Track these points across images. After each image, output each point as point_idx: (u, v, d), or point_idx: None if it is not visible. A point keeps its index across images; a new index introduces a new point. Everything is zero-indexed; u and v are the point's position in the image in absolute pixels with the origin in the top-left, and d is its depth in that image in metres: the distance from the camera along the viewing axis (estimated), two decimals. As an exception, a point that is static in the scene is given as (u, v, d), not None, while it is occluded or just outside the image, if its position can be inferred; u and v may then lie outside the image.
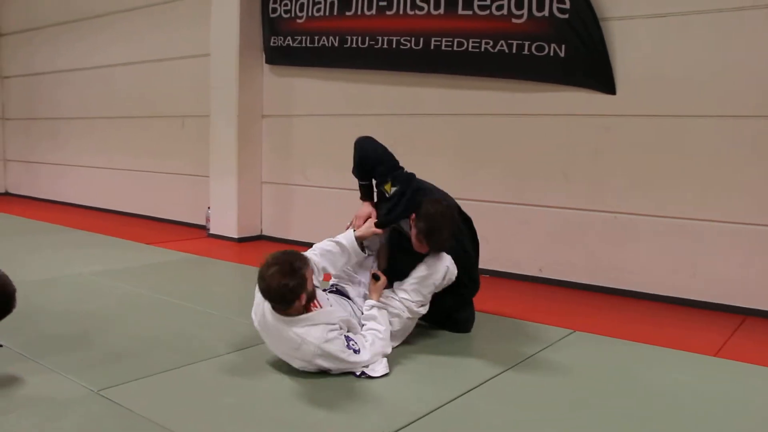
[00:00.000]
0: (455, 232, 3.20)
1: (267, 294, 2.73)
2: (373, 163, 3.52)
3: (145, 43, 7.27)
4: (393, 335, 3.10)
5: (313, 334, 2.73)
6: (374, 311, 3.07)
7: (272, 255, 2.78)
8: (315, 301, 2.90)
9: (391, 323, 3.09)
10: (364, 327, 3.03)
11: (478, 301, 4.03)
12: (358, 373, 2.81)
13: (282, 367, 2.89)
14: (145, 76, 7.33)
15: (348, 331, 2.91)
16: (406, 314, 3.14)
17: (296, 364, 2.83)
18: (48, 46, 8.68)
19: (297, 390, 2.68)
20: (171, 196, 7.14)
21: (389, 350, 3.00)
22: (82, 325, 3.44)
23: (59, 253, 5.51)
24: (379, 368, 2.84)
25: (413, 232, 3.13)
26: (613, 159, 4.42)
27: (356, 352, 2.81)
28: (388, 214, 3.35)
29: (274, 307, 2.77)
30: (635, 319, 3.94)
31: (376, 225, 3.28)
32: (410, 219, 3.16)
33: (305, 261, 2.79)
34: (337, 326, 2.84)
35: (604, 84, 4.36)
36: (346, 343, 2.81)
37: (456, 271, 3.22)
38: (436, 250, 3.18)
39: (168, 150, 7.17)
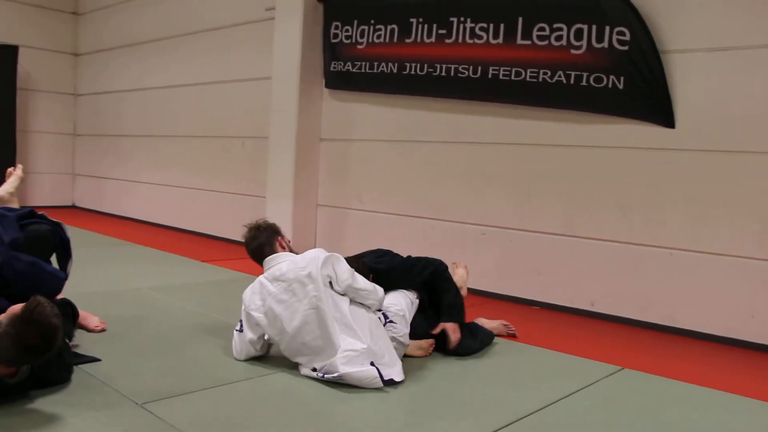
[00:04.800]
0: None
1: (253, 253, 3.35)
2: None
3: (208, 65, 7.49)
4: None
5: (309, 254, 3.17)
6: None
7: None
8: None
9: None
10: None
11: (527, 333, 4.00)
12: (385, 378, 2.91)
13: (320, 388, 2.92)
14: (207, 97, 7.54)
15: None
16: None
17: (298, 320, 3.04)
18: (117, 67, 9.03)
19: (338, 409, 2.70)
20: (228, 215, 7.28)
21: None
22: (134, 339, 3.54)
23: (120, 267, 5.67)
24: (395, 372, 3.00)
25: None
26: (671, 194, 4.33)
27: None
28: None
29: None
30: (687, 358, 3.83)
31: None
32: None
33: (270, 224, 3.46)
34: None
35: (663, 117, 4.30)
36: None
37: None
38: None
39: (227, 170, 7.33)
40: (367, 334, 3.01)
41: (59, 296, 3.35)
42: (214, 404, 2.74)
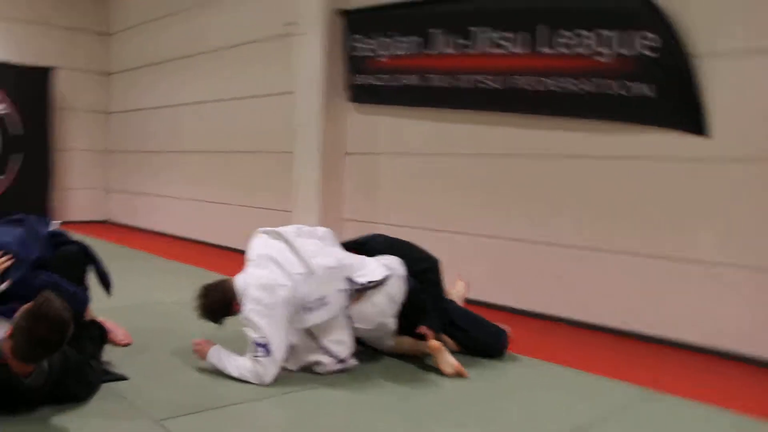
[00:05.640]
0: None
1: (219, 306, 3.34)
2: None
3: (233, 80, 7.51)
4: None
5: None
6: None
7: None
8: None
9: None
10: None
11: (552, 350, 3.87)
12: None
13: (342, 406, 2.88)
14: (233, 113, 7.55)
15: None
16: None
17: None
18: (146, 84, 9.16)
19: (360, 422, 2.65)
20: (254, 230, 7.24)
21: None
22: (156, 353, 3.53)
23: (146, 280, 5.74)
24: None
25: None
26: (705, 206, 4.12)
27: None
28: None
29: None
30: (723, 381, 3.63)
31: None
32: None
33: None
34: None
35: (696, 125, 4.10)
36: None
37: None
38: None
39: (254, 185, 7.32)
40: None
41: (90, 317, 3.38)
42: (233, 422, 2.71)
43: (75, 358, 2.71)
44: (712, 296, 4.09)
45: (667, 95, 4.17)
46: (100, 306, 3.71)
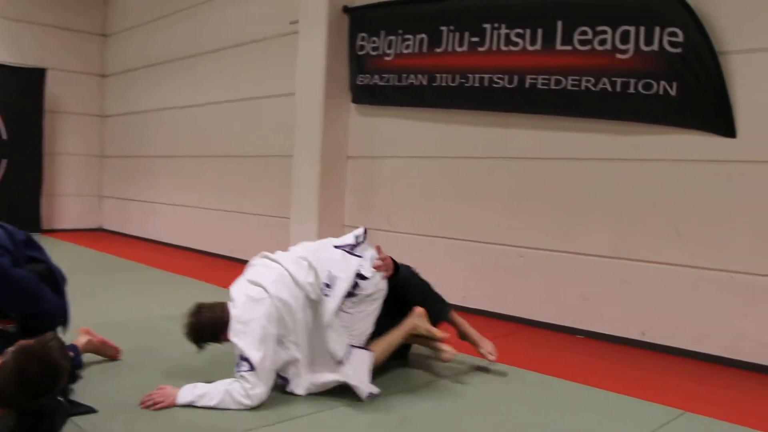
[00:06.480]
0: None
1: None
2: None
3: (233, 82, 7.26)
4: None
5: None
6: None
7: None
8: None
9: None
10: None
11: (570, 367, 3.61)
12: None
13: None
14: (232, 115, 7.29)
15: None
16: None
17: None
18: (143, 86, 8.88)
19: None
20: (253, 238, 6.96)
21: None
22: (131, 378, 3.17)
23: (135, 293, 5.41)
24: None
25: None
26: (733, 211, 3.87)
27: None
28: None
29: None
30: (758, 397, 3.35)
31: None
32: None
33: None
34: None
35: (723, 126, 3.86)
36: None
37: None
38: None
39: (252, 190, 7.05)
40: None
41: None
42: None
43: (51, 408, 2.35)
44: (738, 305, 3.83)
45: (691, 94, 3.93)
46: (83, 322, 3.41)
